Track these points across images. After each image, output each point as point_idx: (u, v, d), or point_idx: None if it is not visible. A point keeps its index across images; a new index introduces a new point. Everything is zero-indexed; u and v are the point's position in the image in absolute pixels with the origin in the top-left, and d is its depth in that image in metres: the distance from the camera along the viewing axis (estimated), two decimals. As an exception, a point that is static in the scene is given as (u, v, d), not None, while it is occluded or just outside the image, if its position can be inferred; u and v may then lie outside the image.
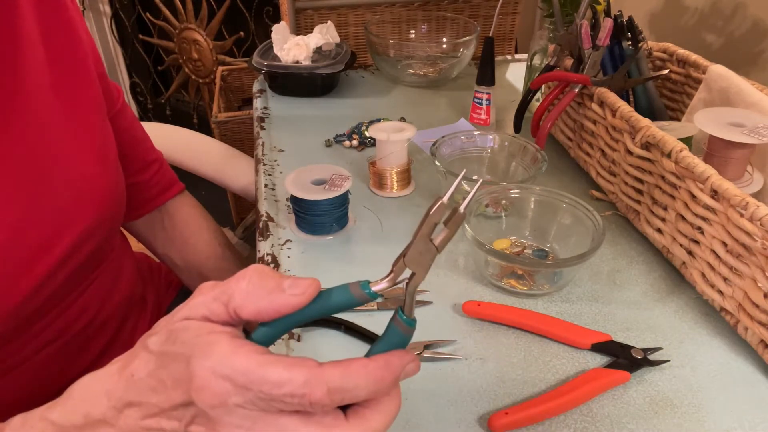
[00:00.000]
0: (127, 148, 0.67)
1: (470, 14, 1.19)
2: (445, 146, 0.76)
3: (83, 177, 0.57)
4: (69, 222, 0.55)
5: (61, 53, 0.56)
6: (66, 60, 0.57)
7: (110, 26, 2.35)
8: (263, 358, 0.30)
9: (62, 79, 0.56)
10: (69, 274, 0.56)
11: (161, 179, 0.76)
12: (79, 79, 0.59)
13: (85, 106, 0.59)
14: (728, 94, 0.69)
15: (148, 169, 0.74)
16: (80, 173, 0.57)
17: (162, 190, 0.76)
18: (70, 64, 0.58)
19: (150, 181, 0.74)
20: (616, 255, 0.67)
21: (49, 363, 0.60)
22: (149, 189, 0.74)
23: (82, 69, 0.59)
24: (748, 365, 0.53)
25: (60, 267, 0.54)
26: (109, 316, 0.66)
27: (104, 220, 0.60)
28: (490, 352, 0.54)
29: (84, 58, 0.60)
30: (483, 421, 0.48)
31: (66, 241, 0.54)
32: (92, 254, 0.59)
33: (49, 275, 0.53)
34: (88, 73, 0.60)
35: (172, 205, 0.78)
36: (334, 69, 1.01)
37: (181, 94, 2.39)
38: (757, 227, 0.49)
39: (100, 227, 0.59)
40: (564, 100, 0.76)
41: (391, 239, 0.69)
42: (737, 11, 1.06)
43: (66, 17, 0.58)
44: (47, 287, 0.54)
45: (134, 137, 0.72)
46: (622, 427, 0.48)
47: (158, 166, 0.76)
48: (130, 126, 0.71)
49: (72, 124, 0.57)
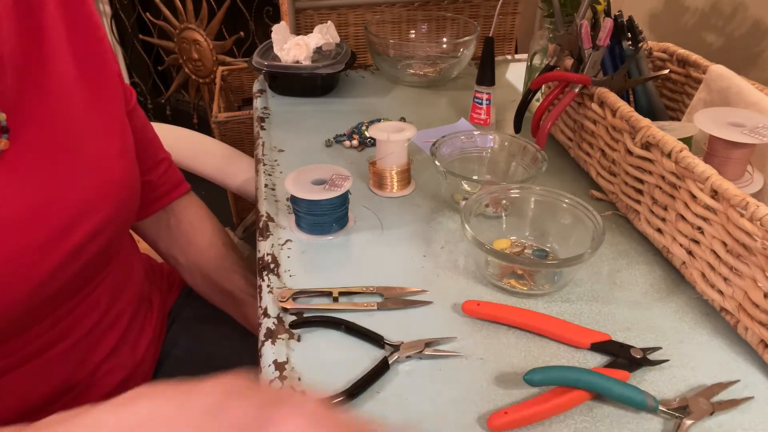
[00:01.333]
0: (140, 147, 0.68)
1: (470, 14, 1.19)
2: (445, 146, 0.76)
3: (106, 167, 0.59)
4: (88, 210, 0.56)
5: (84, 48, 0.58)
6: (89, 55, 0.59)
7: (110, 26, 2.35)
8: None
9: (86, 73, 0.58)
10: (82, 265, 0.57)
11: (169, 179, 0.77)
12: (102, 74, 0.60)
13: (107, 100, 0.61)
14: (728, 94, 0.69)
15: (157, 168, 0.75)
16: (103, 163, 0.58)
17: (169, 189, 0.77)
18: (93, 59, 0.59)
19: (159, 180, 0.75)
20: (616, 255, 0.67)
21: (60, 359, 0.60)
22: (158, 188, 0.75)
23: (104, 64, 0.61)
24: (748, 365, 0.53)
25: (74, 256, 0.55)
26: (118, 314, 0.67)
27: (121, 213, 0.61)
28: (490, 352, 0.54)
29: (105, 53, 0.61)
30: (483, 421, 0.48)
31: (83, 230, 0.56)
32: (105, 248, 0.60)
33: (64, 262, 0.54)
34: (110, 68, 0.62)
35: (178, 205, 0.79)
36: (334, 69, 1.01)
37: (181, 94, 2.39)
38: (757, 227, 0.49)
39: (115, 219, 0.60)
40: (564, 100, 0.76)
41: (391, 239, 0.69)
42: (737, 11, 1.06)
43: (88, 13, 0.59)
44: (61, 275, 0.55)
45: (146, 136, 0.73)
46: (622, 427, 0.48)
47: (167, 166, 0.77)
48: (143, 126, 0.72)
49: (96, 116, 0.58)
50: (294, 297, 0.59)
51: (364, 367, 0.52)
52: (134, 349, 0.70)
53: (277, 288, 0.61)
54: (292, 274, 0.63)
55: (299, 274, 0.63)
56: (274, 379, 0.51)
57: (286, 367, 0.52)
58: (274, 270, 0.64)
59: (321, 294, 0.60)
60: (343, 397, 0.49)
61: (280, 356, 0.53)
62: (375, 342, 0.55)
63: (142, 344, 0.71)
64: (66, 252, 0.54)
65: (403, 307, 0.59)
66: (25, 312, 0.53)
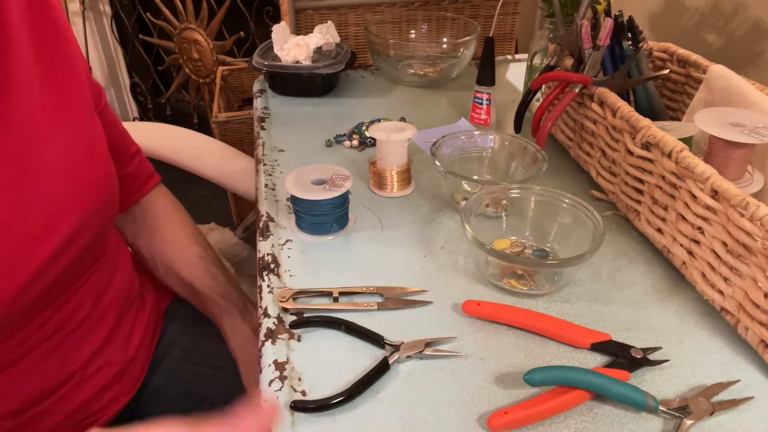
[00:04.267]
0: (112, 144, 0.68)
1: (470, 14, 1.19)
2: (446, 146, 0.76)
3: (73, 170, 0.58)
4: (62, 213, 0.56)
5: (49, 50, 0.57)
6: (54, 57, 0.58)
7: (110, 26, 2.35)
8: None
9: (51, 76, 0.57)
10: (66, 266, 0.57)
11: (143, 171, 0.78)
12: (68, 76, 0.60)
13: (73, 102, 0.60)
14: (728, 94, 0.69)
15: (132, 161, 0.75)
16: (70, 167, 0.58)
17: (144, 181, 0.78)
18: (58, 60, 0.59)
19: (134, 173, 0.76)
20: (616, 255, 0.66)
21: (48, 358, 0.60)
22: (134, 181, 0.76)
23: (69, 65, 0.60)
24: (748, 365, 0.53)
25: (56, 258, 0.55)
26: (105, 310, 0.67)
27: (98, 212, 0.61)
28: (490, 352, 0.54)
29: (71, 54, 0.60)
30: (483, 421, 0.48)
31: (61, 232, 0.55)
32: (88, 247, 0.60)
33: (45, 266, 0.54)
34: (76, 69, 0.61)
35: (147, 197, 0.79)
36: (334, 69, 1.01)
37: (181, 94, 2.39)
38: (758, 227, 0.49)
39: (94, 219, 0.60)
40: (564, 100, 0.76)
41: (391, 239, 0.69)
42: (737, 11, 1.06)
43: (53, 15, 0.58)
44: (44, 278, 0.55)
45: (118, 132, 0.73)
46: (622, 427, 0.48)
47: (140, 158, 0.78)
48: (114, 122, 0.72)
49: (61, 119, 0.58)
50: (294, 297, 0.59)
51: (364, 367, 0.52)
52: (126, 344, 0.70)
53: (277, 288, 0.61)
54: (292, 274, 0.63)
55: (299, 274, 0.63)
56: (274, 379, 0.51)
57: (286, 367, 0.52)
58: (274, 270, 0.64)
59: (321, 294, 0.60)
60: (344, 397, 0.49)
61: (280, 356, 0.53)
62: (375, 342, 0.55)
63: (134, 340, 0.71)
64: (44, 259, 0.54)
65: (403, 307, 0.59)
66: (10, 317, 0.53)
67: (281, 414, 0.48)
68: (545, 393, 0.49)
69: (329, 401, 0.48)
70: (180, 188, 0.85)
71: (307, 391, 0.50)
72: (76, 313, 0.62)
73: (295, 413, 0.48)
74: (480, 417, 0.48)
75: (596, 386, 0.48)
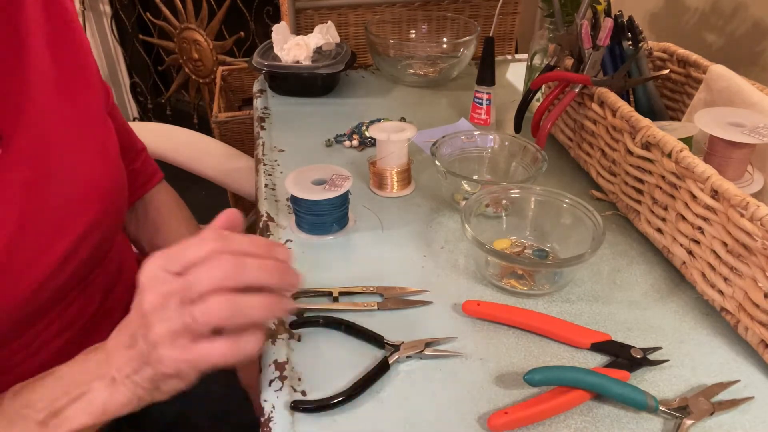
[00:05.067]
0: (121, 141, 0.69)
1: (470, 14, 1.19)
2: (446, 146, 0.76)
3: (87, 173, 0.59)
4: (75, 215, 0.56)
5: (64, 53, 0.58)
6: (69, 59, 0.59)
7: (110, 26, 2.35)
8: None
9: (66, 79, 0.58)
10: (76, 266, 0.58)
11: (147, 168, 0.79)
12: (82, 78, 0.60)
13: (87, 104, 0.61)
14: (728, 94, 0.69)
15: (138, 158, 0.76)
16: (84, 169, 0.58)
17: (148, 178, 0.79)
18: (73, 63, 0.59)
19: (139, 170, 0.77)
20: (616, 255, 0.67)
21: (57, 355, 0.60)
22: (139, 177, 0.77)
23: (84, 68, 0.61)
24: (748, 365, 0.53)
25: (67, 260, 0.56)
26: (113, 306, 0.67)
27: (109, 212, 0.61)
28: (490, 352, 0.54)
29: (85, 56, 0.61)
30: (483, 421, 0.48)
31: (73, 234, 0.56)
32: (98, 246, 0.61)
33: (58, 267, 0.55)
34: (90, 71, 0.62)
35: (151, 194, 0.80)
36: (334, 69, 1.01)
37: (181, 94, 2.39)
38: (758, 227, 0.49)
39: (105, 219, 0.61)
40: (564, 100, 0.76)
41: (391, 239, 0.69)
42: (737, 11, 1.06)
43: (68, 18, 0.59)
44: (56, 279, 0.55)
45: (126, 129, 0.74)
46: (622, 427, 0.48)
47: (145, 155, 0.79)
48: (121, 119, 0.73)
49: (75, 122, 0.58)
50: (294, 297, 0.59)
51: (364, 367, 0.52)
52: None
53: (277, 288, 0.61)
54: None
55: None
56: (274, 379, 0.51)
57: (286, 367, 0.52)
58: (274, 270, 0.64)
59: (321, 294, 0.60)
60: (344, 397, 0.49)
61: (280, 356, 0.53)
62: (375, 342, 0.55)
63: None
64: (56, 260, 0.54)
65: (404, 307, 0.59)
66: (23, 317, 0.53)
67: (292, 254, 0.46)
68: (545, 393, 0.49)
69: (329, 401, 0.48)
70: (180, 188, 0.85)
71: (307, 391, 0.50)
72: (84, 310, 0.63)
73: (295, 413, 0.48)
74: (480, 417, 0.48)
75: (596, 386, 0.48)
